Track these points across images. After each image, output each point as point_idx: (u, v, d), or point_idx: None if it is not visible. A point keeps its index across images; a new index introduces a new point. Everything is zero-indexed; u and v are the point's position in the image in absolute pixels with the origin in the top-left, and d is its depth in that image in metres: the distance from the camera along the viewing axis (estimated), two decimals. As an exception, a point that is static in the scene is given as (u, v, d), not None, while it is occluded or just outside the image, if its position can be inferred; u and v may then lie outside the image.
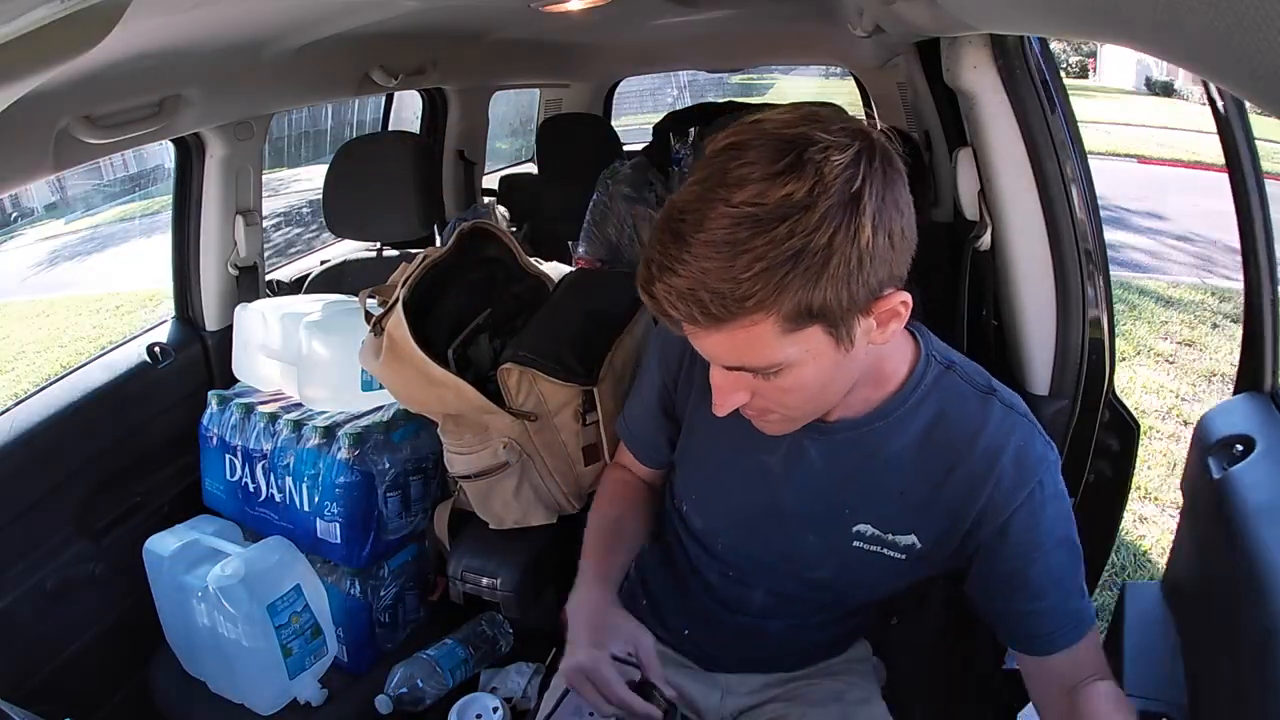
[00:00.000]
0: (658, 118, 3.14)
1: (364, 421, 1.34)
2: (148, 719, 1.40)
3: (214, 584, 1.25)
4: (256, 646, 1.26)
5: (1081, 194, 1.01)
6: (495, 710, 1.26)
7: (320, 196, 1.74)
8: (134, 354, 1.61)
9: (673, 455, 1.00)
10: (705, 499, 0.98)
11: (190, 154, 1.63)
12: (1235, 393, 1.04)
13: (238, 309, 1.57)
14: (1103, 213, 1.11)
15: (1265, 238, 1.00)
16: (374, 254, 1.81)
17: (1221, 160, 0.98)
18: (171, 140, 1.56)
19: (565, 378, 1.15)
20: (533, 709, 1.23)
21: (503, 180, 2.79)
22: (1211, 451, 0.94)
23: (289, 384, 1.46)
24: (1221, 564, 0.82)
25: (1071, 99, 1.11)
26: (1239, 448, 0.91)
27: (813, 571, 0.93)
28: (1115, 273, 1.46)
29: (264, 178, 1.76)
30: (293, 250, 2.31)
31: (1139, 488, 2.72)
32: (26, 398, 1.46)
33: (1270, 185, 0.98)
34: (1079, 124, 1.09)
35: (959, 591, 0.88)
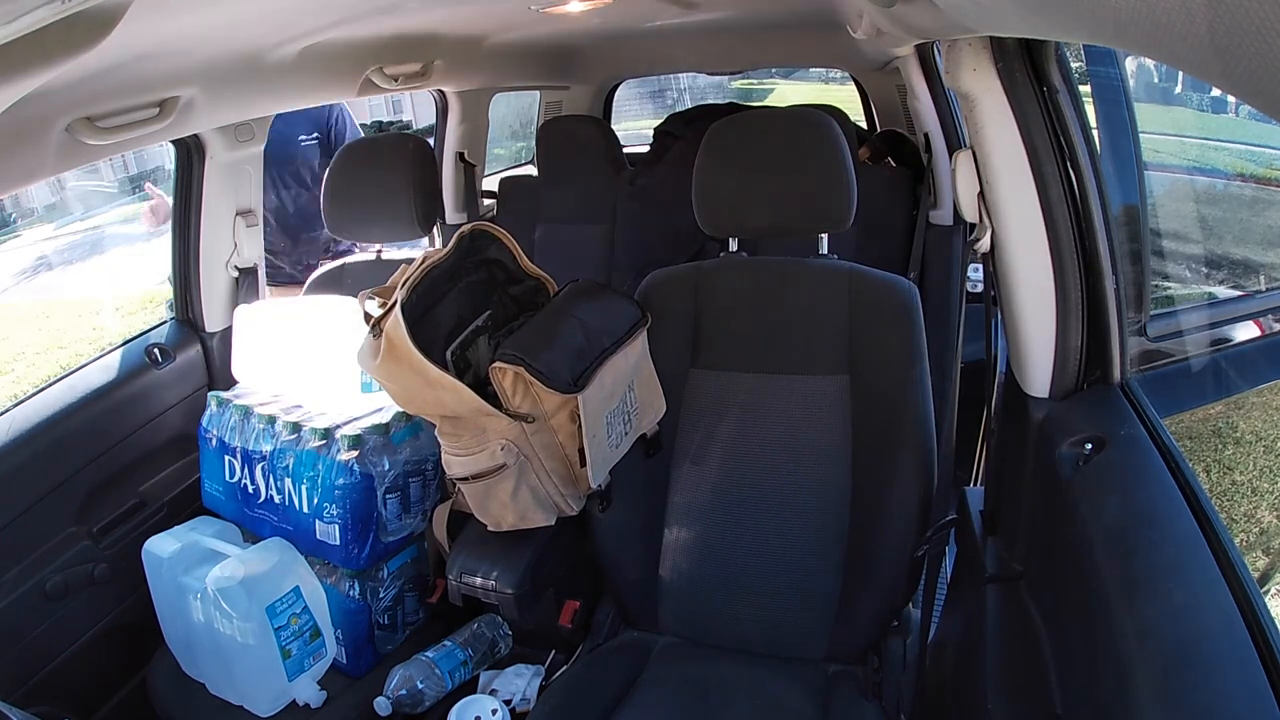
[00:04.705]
0: (658, 122, 3.16)
1: (363, 423, 1.34)
2: None
3: (213, 585, 1.25)
4: (255, 648, 1.26)
5: (1088, 197, 1.01)
6: (494, 712, 1.25)
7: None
8: (134, 355, 1.61)
9: None
10: None
11: (190, 155, 1.63)
12: (1083, 386, 1.05)
13: (238, 310, 1.58)
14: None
15: (1105, 227, 1.00)
16: (373, 256, 1.81)
17: (1233, 169, 0.98)
18: (171, 142, 1.56)
19: (548, 382, 1.13)
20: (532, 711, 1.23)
21: (503, 182, 2.79)
22: (1060, 448, 0.94)
23: (288, 386, 1.46)
24: (1077, 565, 0.83)
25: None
26: (1089, 446, 0.91)
27: None
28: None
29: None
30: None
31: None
32: (26, 398, 1.46)
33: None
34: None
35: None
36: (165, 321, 1.74)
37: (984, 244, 1.08)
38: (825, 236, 1.33)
